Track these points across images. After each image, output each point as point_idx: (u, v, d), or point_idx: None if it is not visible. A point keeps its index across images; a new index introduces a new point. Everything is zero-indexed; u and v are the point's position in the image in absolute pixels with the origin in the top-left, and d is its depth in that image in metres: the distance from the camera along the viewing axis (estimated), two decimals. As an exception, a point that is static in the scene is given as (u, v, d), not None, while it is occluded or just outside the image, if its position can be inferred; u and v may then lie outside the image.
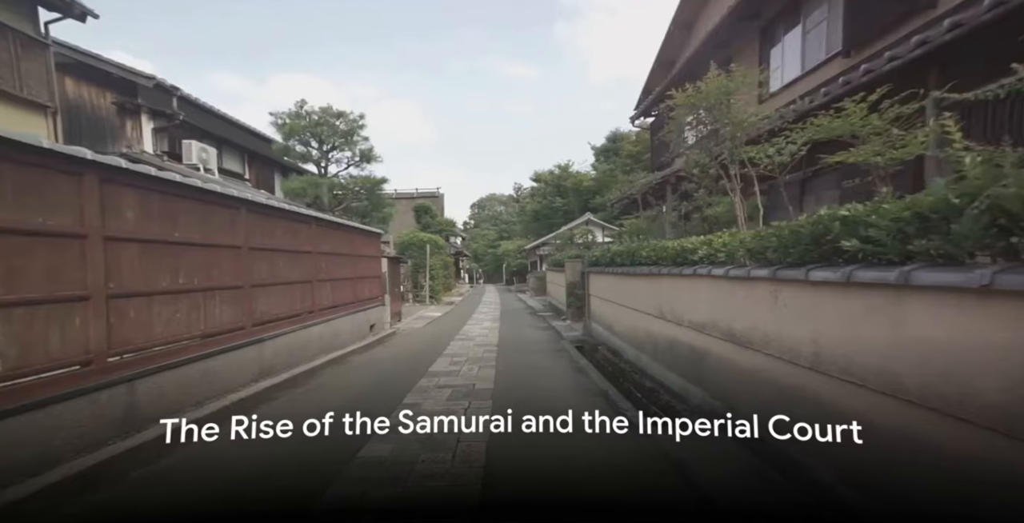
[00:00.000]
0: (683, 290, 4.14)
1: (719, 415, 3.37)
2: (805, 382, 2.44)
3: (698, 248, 3.86)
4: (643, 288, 5.47)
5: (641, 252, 5.40)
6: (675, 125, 4.97)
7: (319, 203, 13.00)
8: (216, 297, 4.87)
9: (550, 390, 5.09)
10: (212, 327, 4.76)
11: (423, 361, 7.04)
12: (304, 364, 6.58)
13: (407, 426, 3.73)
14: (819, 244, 2.31)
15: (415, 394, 5.00)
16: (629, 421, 3.70)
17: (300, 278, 6.94)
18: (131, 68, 10.70)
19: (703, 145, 5.03)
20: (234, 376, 5.03)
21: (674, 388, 4.40)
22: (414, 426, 3.75)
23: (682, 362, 4.20)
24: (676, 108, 4.82)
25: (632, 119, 14.40)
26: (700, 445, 2.96)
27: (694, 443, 3.10)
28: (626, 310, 6.35)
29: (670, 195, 8.68)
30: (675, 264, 4.35)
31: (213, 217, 4.87)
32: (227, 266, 5.11)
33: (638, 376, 5.50)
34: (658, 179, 7.94)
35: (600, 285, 8.21)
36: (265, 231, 5.94)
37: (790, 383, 2.58)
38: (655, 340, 5.07)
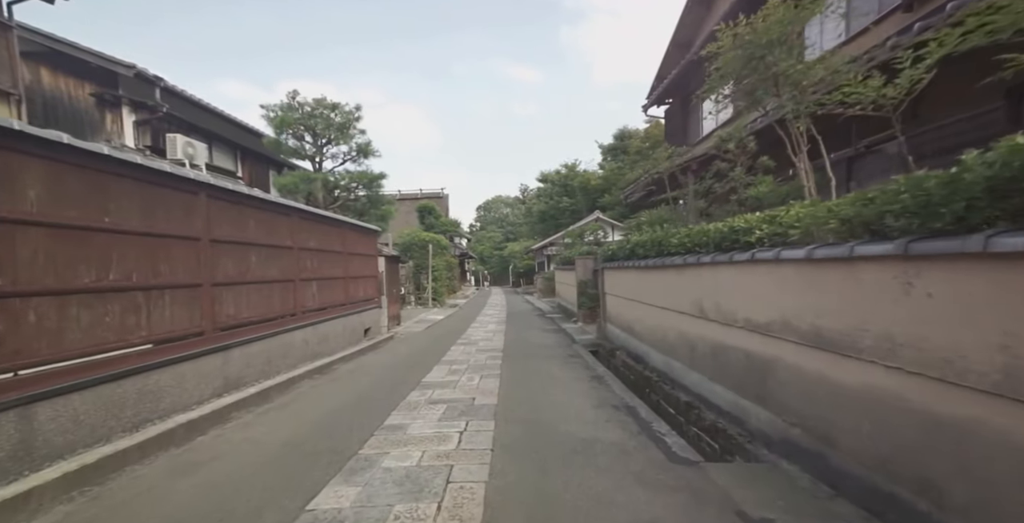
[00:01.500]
0: (734, 281, 3.28)
1: (799, 449, 2.50)
2: (977, 414, 1.57)
3: (755, 227, 3.00)
4: (674, 282, 4.60)
5: (671, 240, 4.54)
6: (717, 79, 4.08)
7: (313, 200, 12.24)
8: (165, 297, 4.07)
9: (565, 406, 4.22)
10: (158, 333, 3.96)
11: (418, 369, 6.21)
12: (282, 374, 5.78)
13: (381, 460, 2.95)
14: (1005, 196, 1.45)
15: (402, 412, 4.16)
16: (674, 452, 2.81)
17: (279, 276, 6.15)
18: (110, 56, 10.03)
19: (752, 99, 4.11)
20: (188, 391, 4.23)
21: (721, 405, 3.52)
22: (392, 460, 2.89)
23: (734, 372, 3.33)
24: (718, 57, 3.90)
25: (645, 108, 13.54)
26: (787, 495, 2.07)
27: (775, 488, 2.20)
28: (650, 309, 5.48)
29: (692, 183, 7.76)
30: (720, 250, 3.48)
31: (160, 202, 4.08)
32: (181, 261, 4.32)
33: (669, 387, 4.63)
34: (683, 161, 7.03)
35: (617, 282, 7.34)
36: (232, 221, 5.15)
37: (941, 415, 1.70)
38: (691, 344, 4.20)
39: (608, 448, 3.09)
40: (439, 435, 3.44)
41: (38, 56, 10.63)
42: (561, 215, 31.27)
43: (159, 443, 3.39)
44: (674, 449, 3.03)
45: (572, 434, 3.39)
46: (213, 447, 3.40)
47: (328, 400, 4.73)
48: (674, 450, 3.01)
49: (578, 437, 3.33)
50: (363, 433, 3.51)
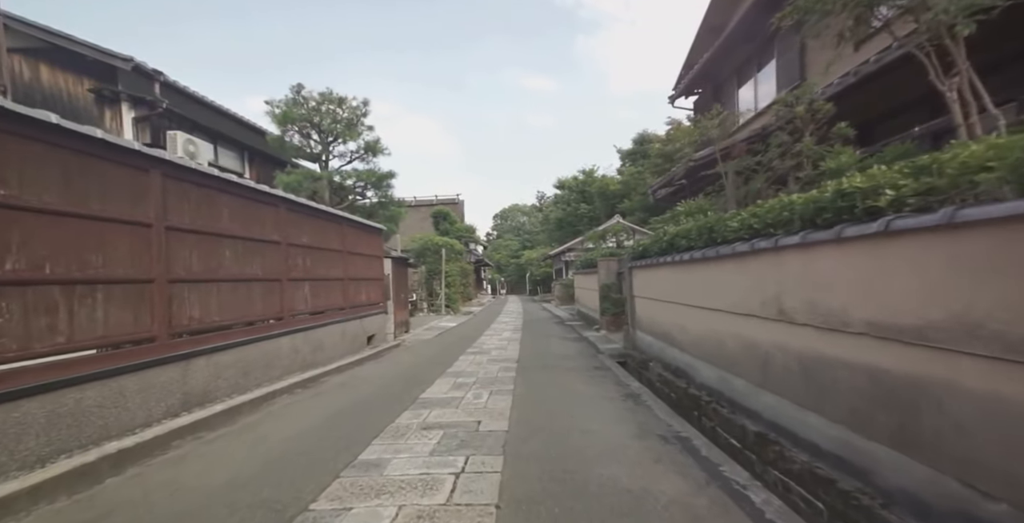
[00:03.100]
0: (843, 268, 2.31)
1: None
2: None
3: (885, 185, 2.03)
4: (733, 277, 3.64)
5: (729, 223, 3.58)
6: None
7: (319, 200, 11.58)
8: (97, 294, 3.29)
9: (597, 435, 3.26)
10: (84, 339, 3.17)
11: (418, 383, 5.32)
12: (263, 387, 4.97)
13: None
14: None
15: (385, 441, 3.25)
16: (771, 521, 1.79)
17: (262, 275, 5.37)
18: (106, 49, 9.59)
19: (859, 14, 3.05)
20: (130, 412, 3.42)
21: (819, 442, 2.52)
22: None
23: (843, 398, 2.34)
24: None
25: (671, 98, 12.60)
26: None
27: None
28: (696, 312, 4.50)
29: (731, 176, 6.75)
30: (817, 227, 2.52)
31: (93, 176, 3.33)
32: (124, 251, 3.55)
33: (726, 409, 3.63)
34: (743, 138, 5.97)
35: (649, 282, 6.35)
36: (198, 208, 4.39)
37: None
38: (763, 356, 3.21)
39: (668, 510, 2.13)
40: (426, 479, 2.52)
41: (37, 52, 10.31)
42: (579, 222, 30.61)
43: (52, 487, 2.54)
44: (768, 515, 2.05)
45: (612, 482, 2.44)
46: (116, 496, 2.49)
47: (301, 421, 3.86)
48: (769, 518, 2.04)
49: (621, 486, 2.37)
50: (325, 475, 2.62)
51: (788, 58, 8.26)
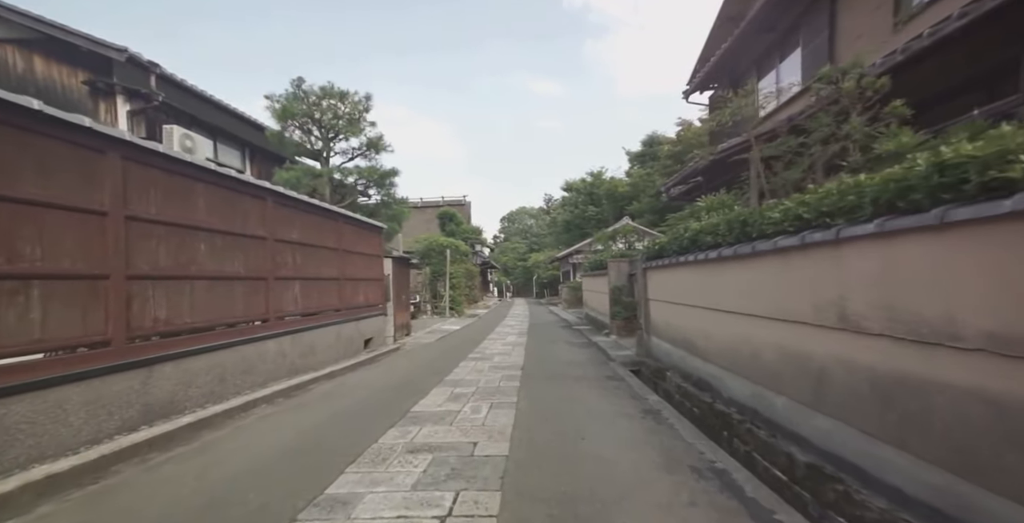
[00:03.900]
0: (960, 262, 1.78)
1: None
2: None
3: (1013, 152, 1.51)
4: (773, 277, 3.12)
5: (769, 214, 3.06)
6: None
7: (319, 197, 11.18)
8: (32, 291, 2.84)
9: (616, 466, 2.74)
10: (12, 344, 2.72)
11: (412, 392, 4.83)
12: (242, 395, 4.51)
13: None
14: None
15: (362, 469, 2.74)
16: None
17: (244, 273, 4.92)
18: (100, 39, 9.27)
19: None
20: (73, 428, 2.97)
21: (906, 488, 1.98)
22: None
23: (942, 433, 1.81)
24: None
25: (685, 94, 12.06)
26: None
27: None
28: (725, 317, 3.97)
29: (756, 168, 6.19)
30: (897, 212, 1.99)
31: (32, 157, 2.89)
32: (70, 241, 3.10)
33: (764, 432, 3.09)
34: (766, 130, 5.43)
35: (666, 284, 5.82)
36: (167, 197, 3.95)
37: None
38: (816, 371, 2.68)
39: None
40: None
41: (31, 43, 10.03)
42: (586, 224, 30.16)
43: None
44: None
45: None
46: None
47: (269, 439, 3.37)
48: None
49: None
50: (279, 518, 2.11)
51: (815, 46, 7.72)
